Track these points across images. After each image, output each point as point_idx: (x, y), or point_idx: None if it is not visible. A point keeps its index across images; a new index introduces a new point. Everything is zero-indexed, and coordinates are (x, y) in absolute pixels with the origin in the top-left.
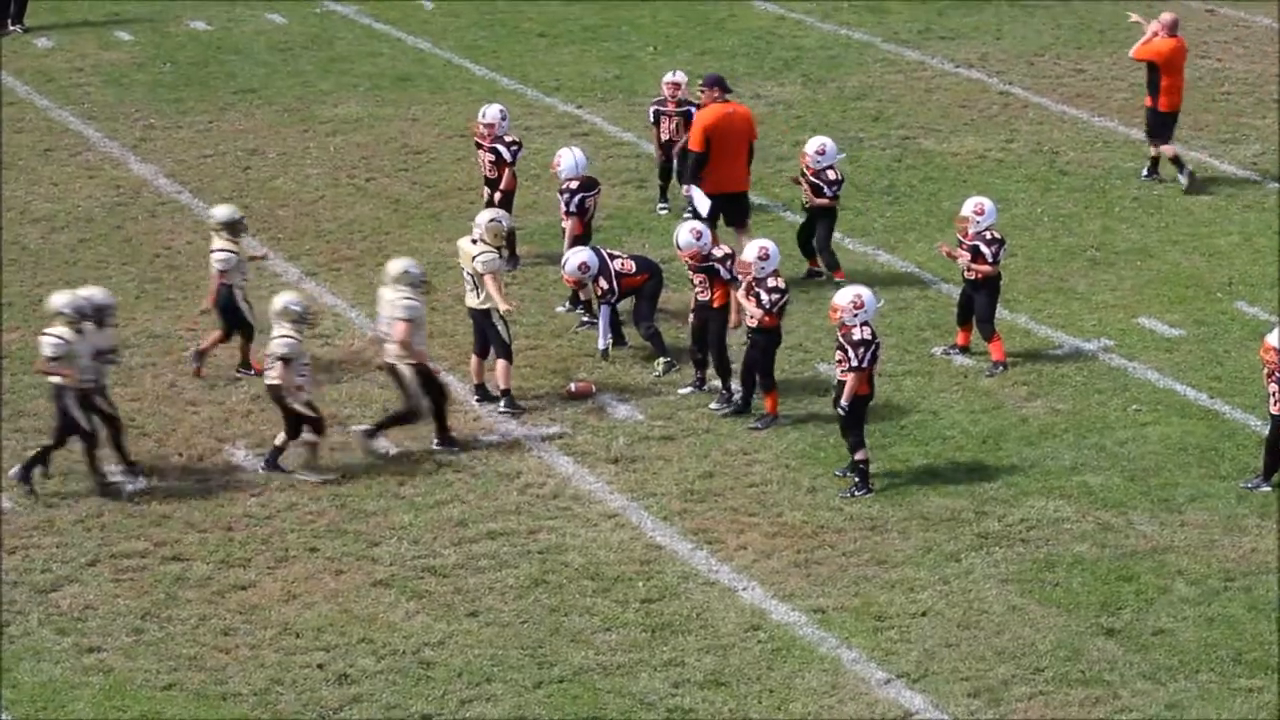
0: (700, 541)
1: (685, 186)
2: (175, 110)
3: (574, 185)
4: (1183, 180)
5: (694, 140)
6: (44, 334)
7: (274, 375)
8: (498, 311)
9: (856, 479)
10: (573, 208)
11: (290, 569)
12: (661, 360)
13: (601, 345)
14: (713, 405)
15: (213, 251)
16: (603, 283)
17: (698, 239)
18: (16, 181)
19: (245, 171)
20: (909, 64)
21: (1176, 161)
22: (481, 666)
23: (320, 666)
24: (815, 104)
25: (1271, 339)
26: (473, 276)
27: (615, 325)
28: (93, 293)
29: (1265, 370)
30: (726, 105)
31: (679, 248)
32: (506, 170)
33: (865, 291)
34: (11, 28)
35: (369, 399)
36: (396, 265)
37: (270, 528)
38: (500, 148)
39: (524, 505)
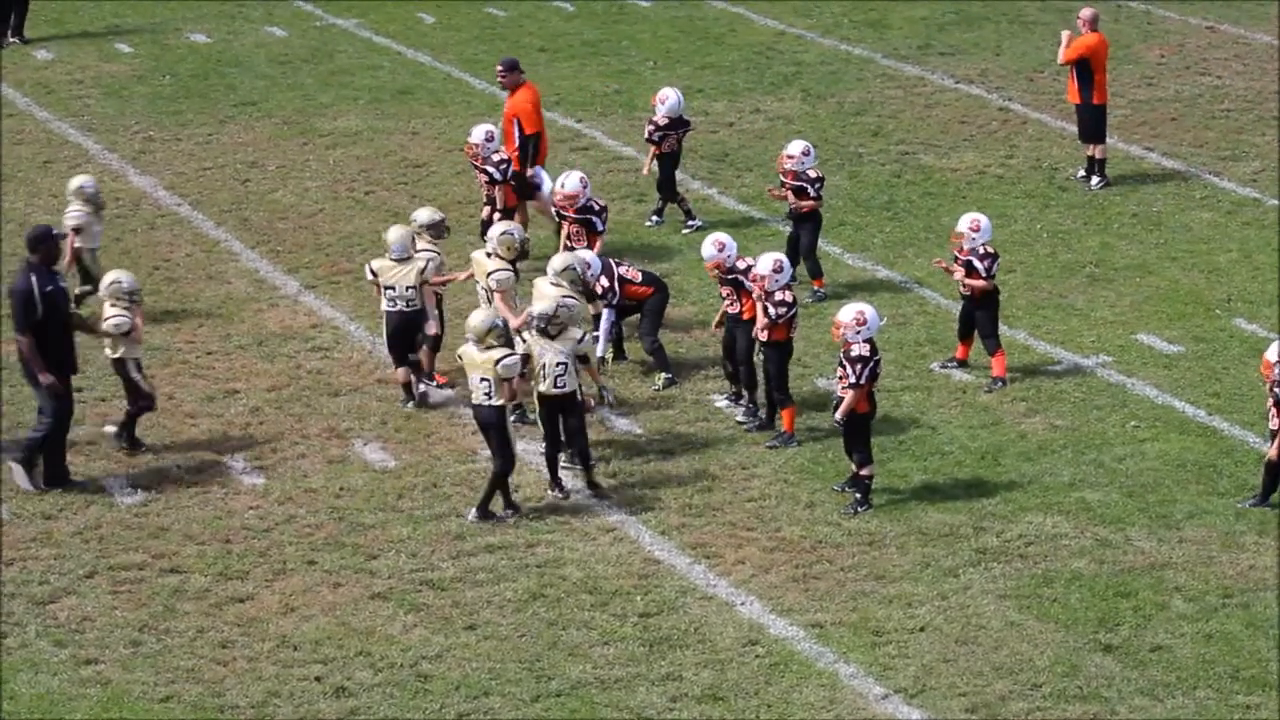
0: (698, 556)
1: (532, 170)
2: (175, 123)
3: (598, 205)
4: (1095, 184)
5: (535, 122)
6: (505, 358)
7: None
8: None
9: (858, 495)
10: (603, 226)
11: (288, 582)
12: (662, 375)
13: (599, 354)
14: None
15: (414, 254)
16: (604, 280)
17: (720, 250)
18: (16, 194)
19: (245, 184)
20: (909, 79)
21: (1101, 165)
22: (479, 680)
23: (318, 679)
24: (815, 119)
25: (1271, 354)
26: (487, 290)
27: (618, 340)
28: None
29: (1266, 386)
30: (530, 85)
31: (706, 260)
32: (498, 189)
33: (868, 309)
34: (11, 39)
35: (367, 411)
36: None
37: (268, 540)
38: (490, 169)
39: (522, 519)
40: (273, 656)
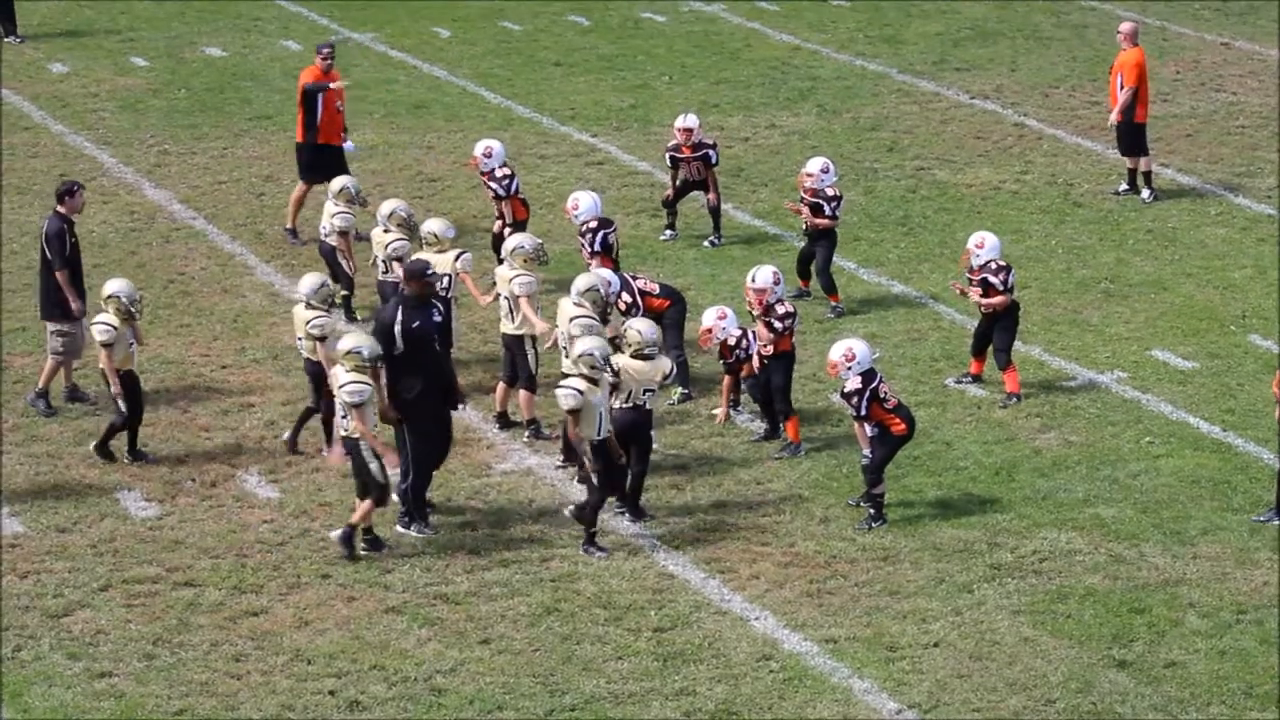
0: (712, 571)
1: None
2: (190, 136)
3: (593, 224)
4: (1146, 196)
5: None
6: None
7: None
8: (531, 339)
9: (872, 510)
10: (598, 246)
11: (303, 595)
12: (678, 390)
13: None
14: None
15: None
16: (625, 297)
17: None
18: (31, 207)
19: (260, 198)
20: (924, 95)
21: (1149, 176)
22: (493, 694)
23: (332, 693)
24: (830, 134)
25: None
26: (509, 300)
27: None
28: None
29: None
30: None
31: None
32: (504, 203)
33: (858, 344)
34: (6, 39)
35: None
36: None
37: (283, 554)
38: (493, 184)
39: (536, 533)
40: (287, 670)
